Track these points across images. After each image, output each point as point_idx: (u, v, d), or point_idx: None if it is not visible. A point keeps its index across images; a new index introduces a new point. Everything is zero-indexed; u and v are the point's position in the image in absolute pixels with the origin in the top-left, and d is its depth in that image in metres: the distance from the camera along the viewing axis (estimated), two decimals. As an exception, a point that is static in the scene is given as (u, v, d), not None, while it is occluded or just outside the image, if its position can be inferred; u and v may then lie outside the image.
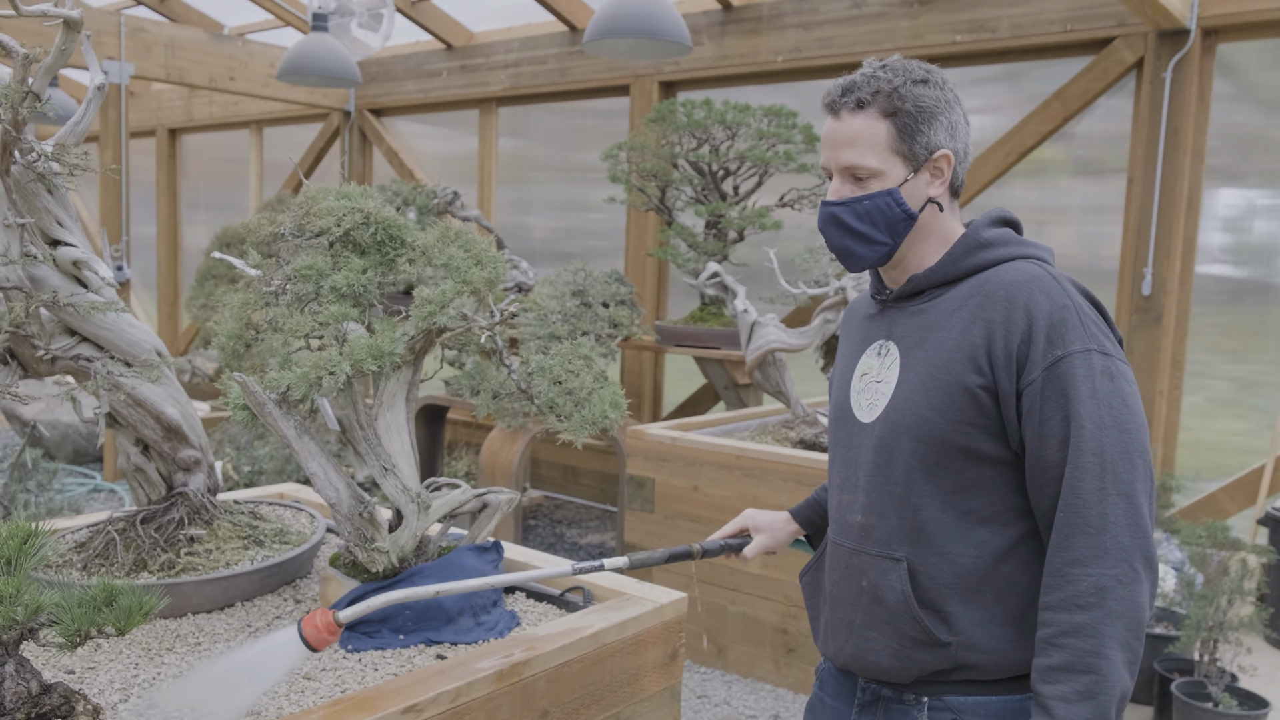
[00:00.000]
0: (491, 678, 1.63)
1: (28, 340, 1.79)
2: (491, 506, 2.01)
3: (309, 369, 1.53)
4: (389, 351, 1.60)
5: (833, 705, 1.59)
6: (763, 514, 1.83)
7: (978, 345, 1.39)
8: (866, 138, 1.44)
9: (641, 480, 3.68)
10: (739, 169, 4.44)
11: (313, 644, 1.44)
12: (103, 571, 1.87)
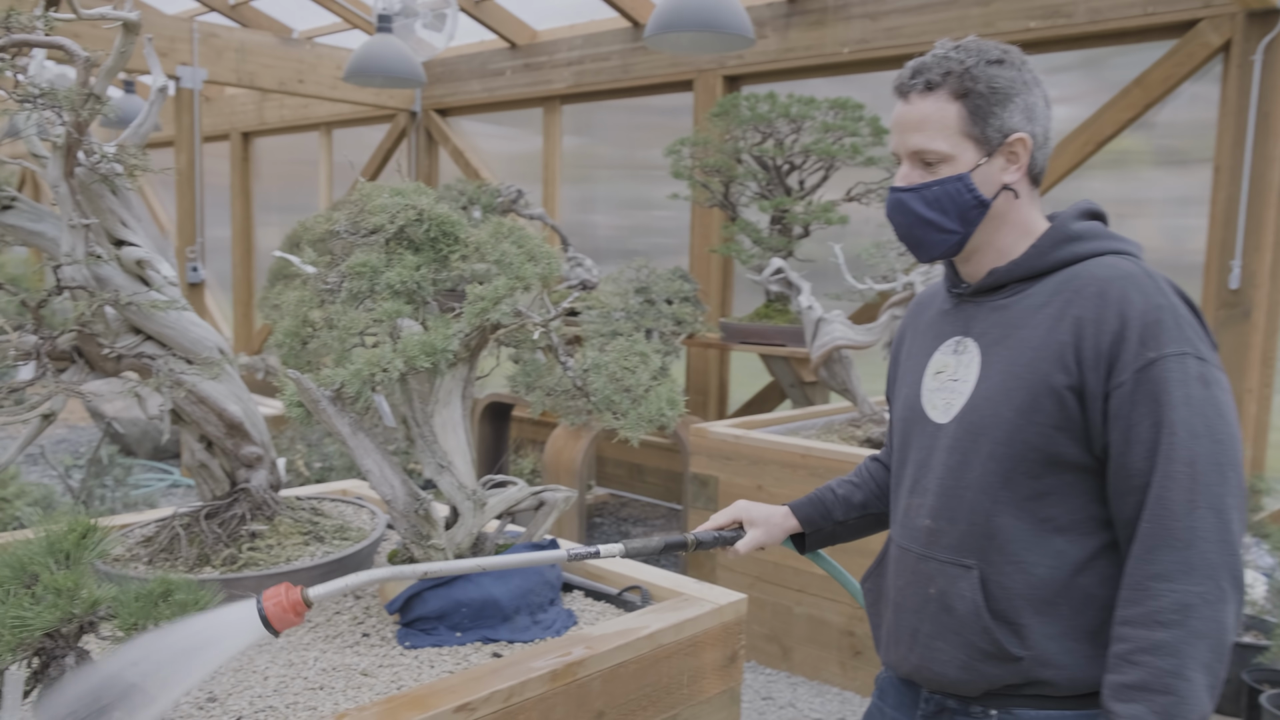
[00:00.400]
0: (545, 677, 1.61)
1: (94, 339, 1.81)
2: (548, 504, 1.99)
3: (362, 366, 1.53)
4: (442, 348, 1.59)
5: (893, 716, 1.53)
6: (758, 507, 1.72)
7: (1065, 343, 1.31)
8: (936, 121, 1.37)
9: (705, 479, 3.64)
10: (804, 163, 4.38)
11: (274, 625, 1.25)
12: (167, 566, 1.90)
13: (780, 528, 1.71)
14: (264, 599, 1.25)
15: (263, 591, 1.27)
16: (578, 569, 2.13)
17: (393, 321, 1.65)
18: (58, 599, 1.19)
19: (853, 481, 1.73)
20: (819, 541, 1.74)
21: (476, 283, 1.65)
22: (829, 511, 1.71)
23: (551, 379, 1.90)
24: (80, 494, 3.35)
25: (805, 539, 1.74)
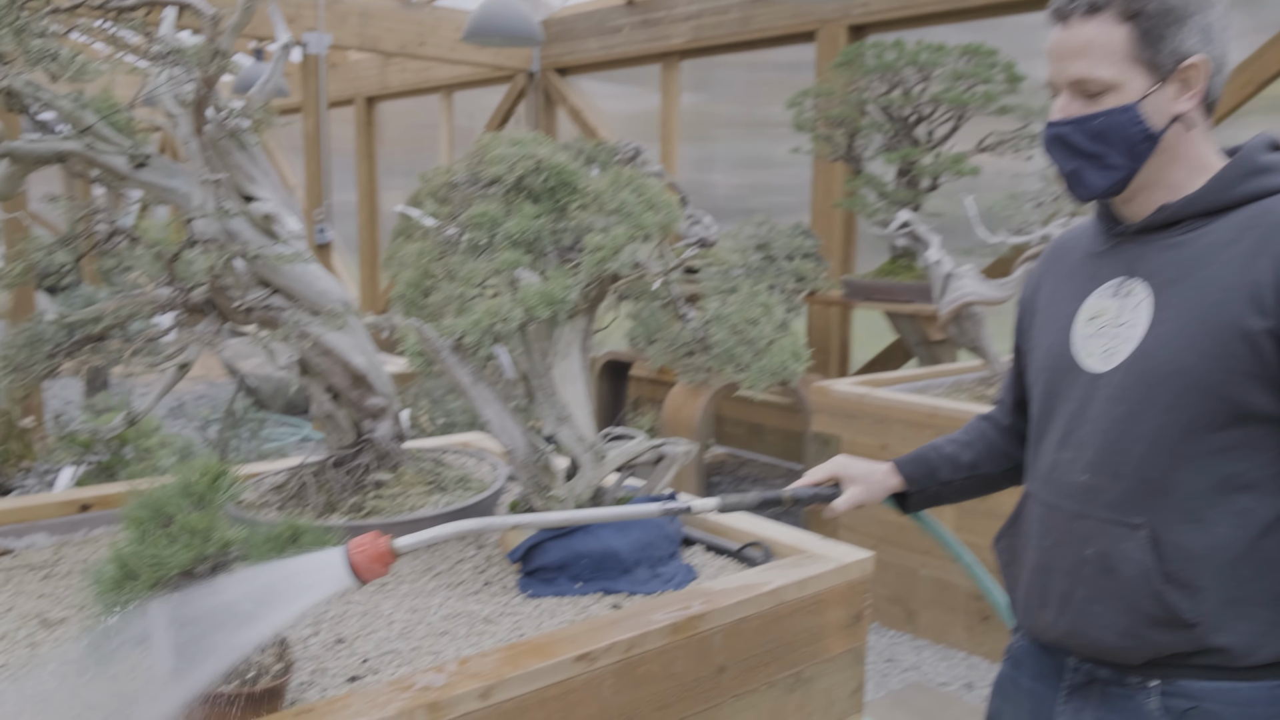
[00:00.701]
0: (666, 630, 1.59)
1: (225, 292, 1.86)
2: (668, 458, 1.97)
3: (482, 316, 1.52)
4: (561, 298, 1.57)
5: (1031, 687, 1.44)
6: (858, 462, 1.64)
7: (1263, 283, 1.19)
8: (1100, 45, 1.24)
9: (827, 438, 3.57)
10: (933, 113, 4.21)
11: (361, 574, 1.25)
12: (296, 512, 1.95)
13: (881, 485, 1.62)
14: (351, 548, 1.24)
15: (350, 540, 1.25)
16: (698, 523, 2.10)
17: (511, 272, 1.64)
18: (192, 539, 1.22)
19: (962, 440, 1.62)
20: (923, 502, 1.65)
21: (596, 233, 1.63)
22: (934, 470, 1.61)
23: (671, 332, 1.87)
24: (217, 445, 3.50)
25: (908, 499, 1.66)
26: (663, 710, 1.61)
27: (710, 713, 1.70)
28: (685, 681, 1.64)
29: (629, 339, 1.83)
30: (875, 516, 3.43)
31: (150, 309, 1.70)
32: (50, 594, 1.78)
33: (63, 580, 1.85)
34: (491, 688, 1.38)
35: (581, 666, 1.48)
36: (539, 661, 1.44)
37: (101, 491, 2.13)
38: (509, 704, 1.41)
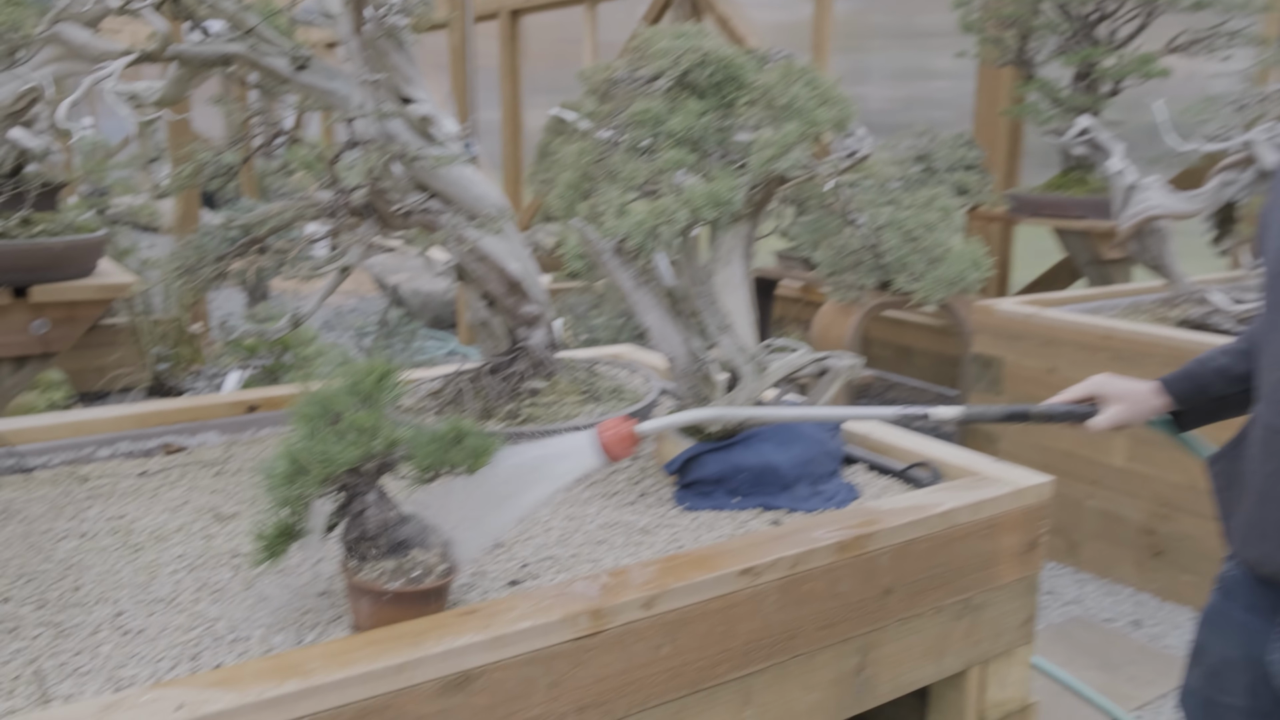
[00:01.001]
0: (832, 548, 1.52)
1: (384, 195, 1.84)
2: (832, 371, 1.88)
3: (646, 217, 1.46)
4: (728, 199, 1.49)
5: (1244, 619, 1.32)
6: (1119, 381, 1.54)
7: None
8: None
9: (989, 360, 3.40)
10: (1117, 10, 3.87)
11: (609, 453, 1.40)
12: (453, 418, 1.94)
13: (1145, 405, 1.51)
14: (600, 430, 1.38)
15: (599, 424, 1.39)
16: (860, 441, 2.02)
17: (675, 172, 1.56)
18: (360, 437, 1.21)
19: (1236, 349, 1.48)
20: (1198, 420, 1.52)
21: (765, 129, 1.53)
22: (1205, 387, 1.49)
23: (839, 240, 1.76)
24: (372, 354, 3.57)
25: (1182, 418, 1.53)
26: (826, 630, 1.56)
27: (874, 635, 1.63)
28: (850, 602, 1.57)
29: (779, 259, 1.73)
30: (1037, 442, 3.26)
31: (313, 212, 1.70)
32: (222, 490, 1.84)
33: (233, 477, 1.90)
34: (654, 597, 1.35)
35: (745, 581, 1.44)
36: (703, 573, 1.40)
37: (267, 393, 2.18)
38: (671, 615, 1.37)
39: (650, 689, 1.38)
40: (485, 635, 1.21)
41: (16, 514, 1.70)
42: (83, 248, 3.03)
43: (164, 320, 3.93)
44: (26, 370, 3.07)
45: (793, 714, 1.57)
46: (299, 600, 1.41)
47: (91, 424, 1.97)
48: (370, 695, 1.13)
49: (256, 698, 1.06)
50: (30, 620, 1.34)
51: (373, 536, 1.29)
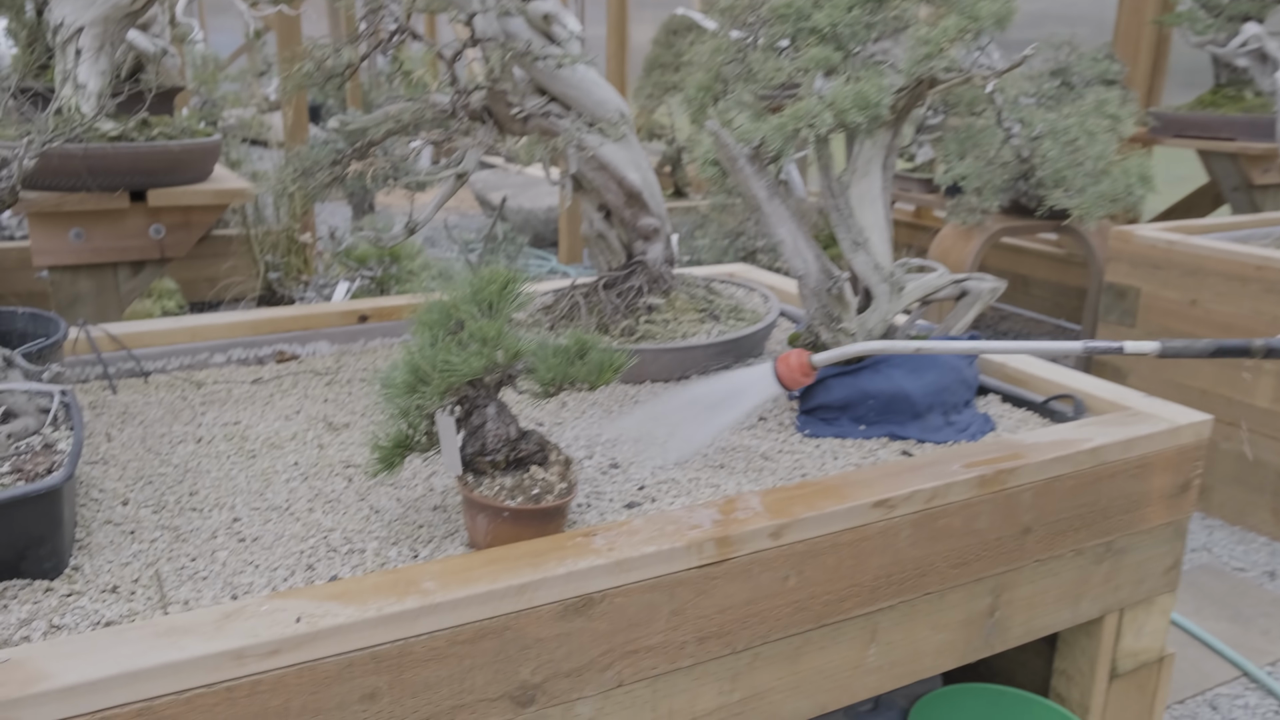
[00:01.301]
0: (971, 482, 1.42)
1: (502, 97, 1.76)
2: (972, 294, 1.76)
3: (786, 119, 1.34)
4: (876, 101, 1.36)
5: None
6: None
7: None
8: None
9: (1124, 289, 3.20)
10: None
11: (785, 382, 1.46)
12: (575, 331, 1.88)
13: None
14: (778, 362, 1.45)
15: (777, 356, 1.47)
16: (995, 370, 1.89)
17: (817, 73, 1.44)
18: (483, 347, 1.14)
19: None
20: None
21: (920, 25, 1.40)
22: None
23: (989, 150, 1.62)
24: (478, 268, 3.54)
25: None
26: (960, 568, 1.47)
27: (1009, 576, 1.53)
28: (987, 539, 1.48)
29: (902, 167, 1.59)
30: (1170, 378, 3.07)
31: (432, 113, 1.62)
32: (333, 399, 1.81)
33: (344, 387, 1.88)
34: (784, 527, 1.27)
35: (879, 513, 1.35)
36: (835, 503, 1.32)
37: (378, 304, 2.15)
38: (800, 546, 1.29)
39: (773, 621, 1.31)
40: (609, 558, 1.15)
41: (135, 417, 1.70)
42: (199, 151, 3.02)
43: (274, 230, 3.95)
44: (143, 275, 3.11)
45: (918, 654, 1.49)
46: (413, 514, 1.37)
47: (207, 329, 1.96)
48: (490, 616, 1.09)
49: (376, 613, 1.02)
50: (149, 523, 1.33)
51: (492, 451, 1.24)
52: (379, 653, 1.03)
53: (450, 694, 1.09)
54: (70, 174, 2.77)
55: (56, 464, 1.21)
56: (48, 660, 0.92)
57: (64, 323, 1.64)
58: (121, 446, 1.57)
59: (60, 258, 2.99)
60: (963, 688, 1.78)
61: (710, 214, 5.40)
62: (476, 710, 1.11)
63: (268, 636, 0.98)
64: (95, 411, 1.72)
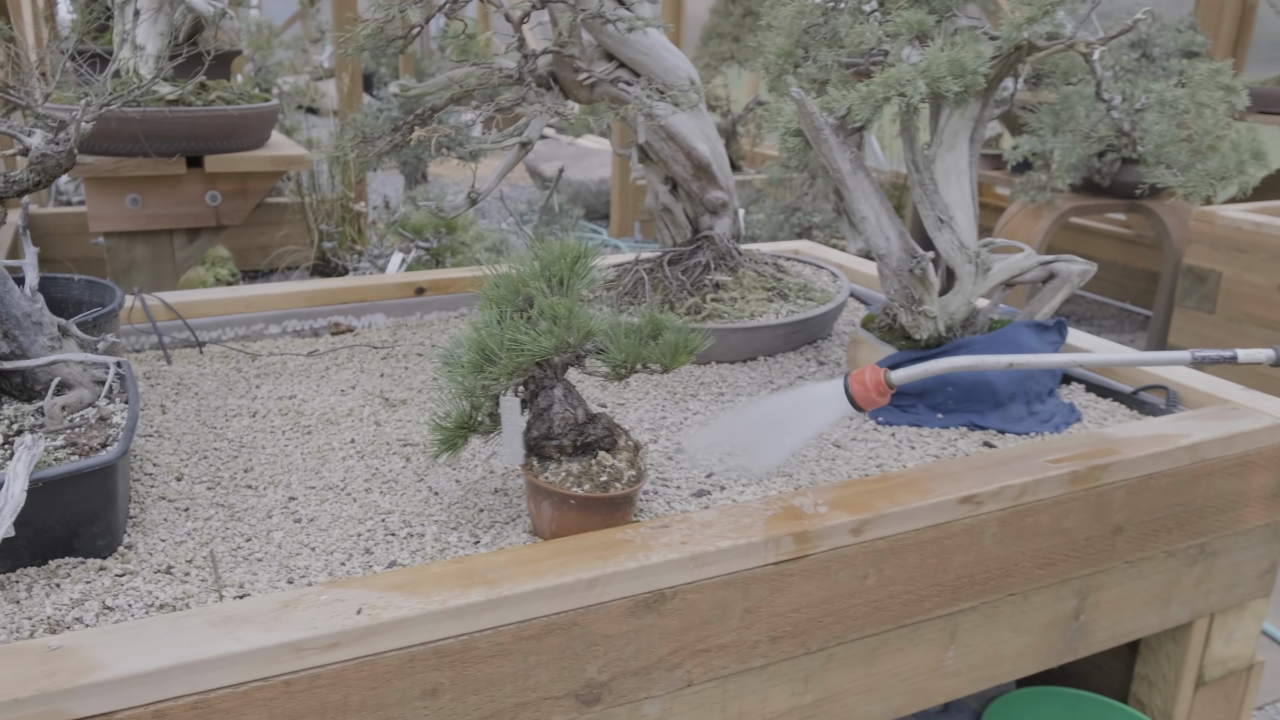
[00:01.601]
0: (1064, 479, 1.34)
1: (570, 63, 1.69)
2: (1060, 277, 1.66)
3: (876, 87, 1.26)
4: (973, 69, 1.27)
5: None
6: None
7: None
8: None
9: (1204, 273, 3.06)
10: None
11: (859, 403, 1.28)
12: (631, 309, 1.81)
13: None
14: (850, 380, 1.28)
15: (849, 372, 1.30)
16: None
17: (908, 38, 1.35)
18: (553, 325, 1.08)
19: None
20: None
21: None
22: None
23: (1086, 123, 1.52)
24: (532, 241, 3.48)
25: None
26: (1045, 569, 1.38)
27: (1096, 577, 1.45)
28: (1076, 539, 1.39)
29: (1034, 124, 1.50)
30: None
31: (498, 78, 1.56)
32: (390, 374, 1.76)
33: (400, 361, 1.83)
34: (865, 523, 1.20)
35: (965, 510, 1.27)
36: (918, 498, 1.24)
37: (435, 276, 2.10)
38: (881, 543, 1.22)
39: (850, 621, 1.24)
40: (682, 553, 1.09)
41: (190, 388, 1.67)
42: (257, 117, 2.98)
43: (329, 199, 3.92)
44: (199, 243, 3.09)
45: (998, 658, 1.41)
46: (472, 497, 1.31)
47: (262, 300, 1.92)
48: (558, 611, 1.03)
49: (440, 606, 0.97)
50: (203, 500, 1.28)
51: (558, 435, 1.18)
52: (442, 647, 0.98)
53: (514, 691, 1.04)
54: (127, 138, 2.74)
55: (111, 438, 1.17)
56: (100, 649, 0.88)
57: (120, 291, 1.60)
58: (176, 419, 1.54)
59: (116, 224, 2.97)
60: (1037, 691, 1.70)
61: (765, 188, 5.29)
62: (540, 708, 1.06)
63: (327, 628, 0.93)
64: (149, 382, 1.68)
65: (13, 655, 0.87)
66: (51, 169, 1.31)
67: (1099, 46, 1.33)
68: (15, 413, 1.22)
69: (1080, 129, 1.48)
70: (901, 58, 1.37)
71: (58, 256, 3.97)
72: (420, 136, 1.39)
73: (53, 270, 3.77)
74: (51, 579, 1.07)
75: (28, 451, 1.04)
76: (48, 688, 0.83)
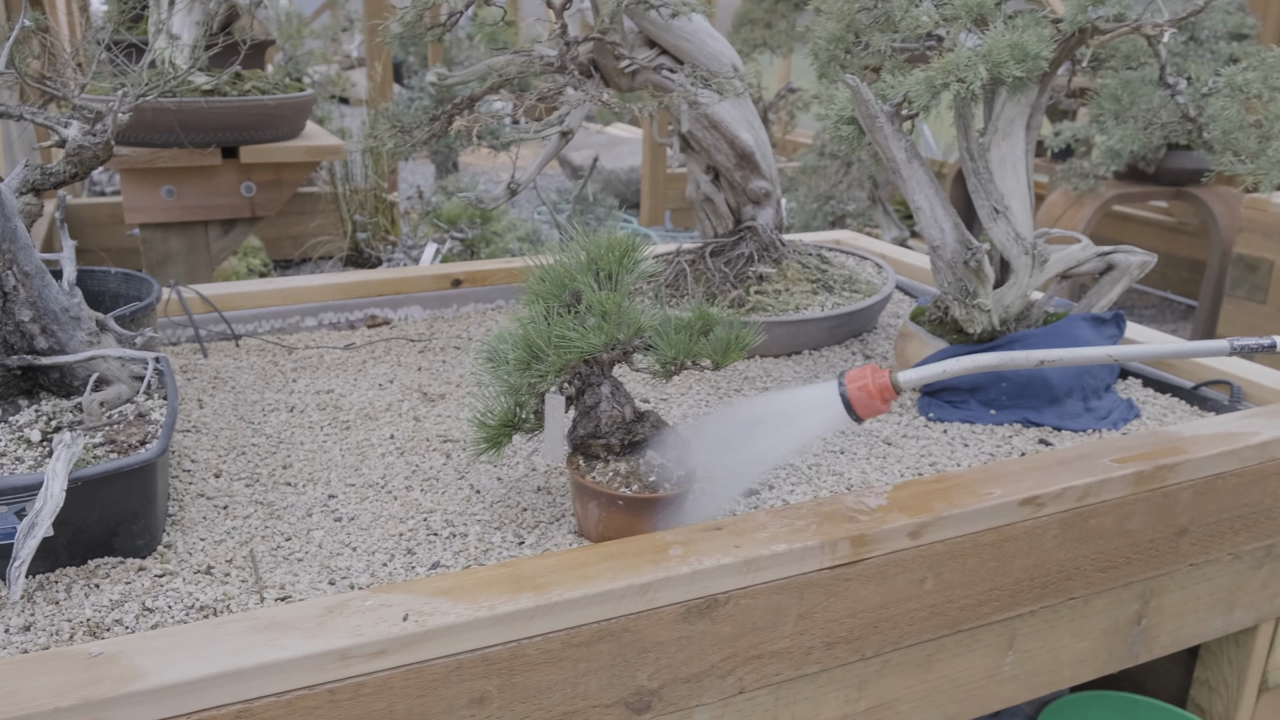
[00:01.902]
0: (1128, 479, 1.29)
1: (611, 50, 1.65)
2: (1118, 269, 1.61)
3: (934, 73, 1.21)
4: (1036, 54, 1.22)
5: None
6: None
7: None
8: None
9: (1255, 262, 2.98)
10: None
11: (859, 411, 1.11)
12: (672, 302, 1.78)
13: None
14: (847, 381, 1.11)
15: (845, 373, 1.12)
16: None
17: (966, 21, 1.30)
18: (603, 321, 1.04)
19: None
20: None
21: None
22: None
23: (1150, 108, 1.47)
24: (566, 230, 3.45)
25: None
26: (1107, 572, 1.34)
27: (1159, 580, 1.40)
28: (1139, 541, 1.34)
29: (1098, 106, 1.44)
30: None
31: (539, 66, 1.52)
32: (428, 368, 1.74)
33: (438, 355, 1.80)
34: (924, 525, 1.15)
35: (1026, 512, 1.22)
36: (978, 501, 1.20)
37: (471, 268, 2.07)
38: (940, 546, 1.18)
39: (906, 627, 1.20)
40: (735, 557, 1.05)
41: (226, 382, 1.65)
42: (293, 107, 2.96)
43: (362, 189, 3.90)
44: (234, 234, 3.08)
45: (1057, 663, 1.37)
46: (515, 495, 1.28)
47: (298, 292, 1.90)
48: (608, 617, 0.99)
49: (487, 612, 0.94)
50: (242, 497, 1.26)
51: (605, 434, 1.14)
52: (490, 655, 0.95)
53: (563, 699, 1.00)
54: (163, 129, 2.73)
55: (150, 435, 1.15)
56: (142, 656, 0.85)
57: (157, 284, 1.58)
58: (213, 414, 1.52)
59: (152, 215, 2.97)
60: (1093, 695, 1.65)
61: (798, 176, 5.23)
62: (589, 716, 1.02)
63: (374, 636, 0.90)
64: (186, 376, 1.66)
65: (53, 662, 0.84)
66: (88, 160, 1.29)
67: (1168, 29, 1.28)
68: (53, 409, 1.20)
69: (1142, 116, 1.42)
70: (959, 42, 1.32)
71: (92, 247, 3.98)
72: (461, 126, 1.36)
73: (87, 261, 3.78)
74: (90, 579, 1.05)
75: (67, 450, 1.02)
76: (89, 696, 0.80)
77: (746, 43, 6.07)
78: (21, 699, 0.79)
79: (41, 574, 1.04)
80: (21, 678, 0.82)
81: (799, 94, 5.70)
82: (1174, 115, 1.44)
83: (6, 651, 0.92)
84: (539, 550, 1.14)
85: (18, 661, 0.85)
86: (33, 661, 0.84)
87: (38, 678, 0.82)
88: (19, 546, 0.95)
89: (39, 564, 1.04)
